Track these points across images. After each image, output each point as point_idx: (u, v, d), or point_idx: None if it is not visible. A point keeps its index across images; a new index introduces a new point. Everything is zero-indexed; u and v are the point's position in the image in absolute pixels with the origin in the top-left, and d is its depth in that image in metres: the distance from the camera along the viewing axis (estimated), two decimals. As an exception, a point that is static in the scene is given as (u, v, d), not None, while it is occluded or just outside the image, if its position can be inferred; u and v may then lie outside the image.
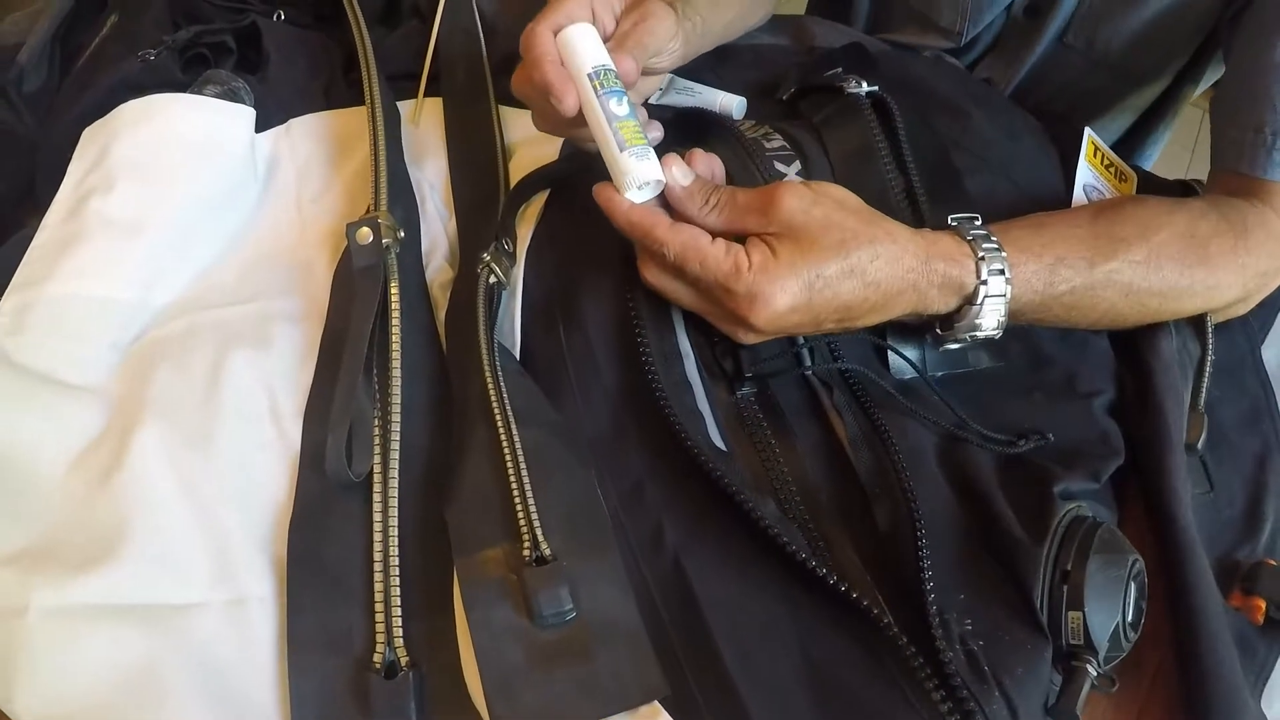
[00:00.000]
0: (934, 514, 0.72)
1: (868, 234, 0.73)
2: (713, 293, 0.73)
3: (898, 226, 0.75)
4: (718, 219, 0.75)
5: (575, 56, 0.79)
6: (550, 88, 0.78)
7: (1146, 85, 1.25)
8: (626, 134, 0.76)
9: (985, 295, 0.75)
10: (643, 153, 0.75)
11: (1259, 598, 0.77)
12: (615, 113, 0.76)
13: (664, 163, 0.76)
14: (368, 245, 0.82)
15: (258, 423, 0.79)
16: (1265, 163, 0.88)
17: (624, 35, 0.84)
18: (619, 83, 0.78)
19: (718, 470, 0.70)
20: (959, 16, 1.21)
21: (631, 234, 0.76)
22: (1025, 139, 1.02)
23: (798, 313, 0.72)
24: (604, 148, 0.76)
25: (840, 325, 0.76)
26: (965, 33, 1.23)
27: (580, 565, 0.67)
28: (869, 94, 0.95)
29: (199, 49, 1.10)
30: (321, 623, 0.69)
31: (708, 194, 0.76)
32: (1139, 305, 0.82)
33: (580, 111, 0.78)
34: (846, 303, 0.72)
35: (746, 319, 0.72)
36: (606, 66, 0.78)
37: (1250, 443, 0.87)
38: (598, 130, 0.77)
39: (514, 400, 0.74)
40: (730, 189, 0.76)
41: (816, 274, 0.71)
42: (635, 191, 0.76)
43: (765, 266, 0.71)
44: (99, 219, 0.88)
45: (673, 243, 0.73)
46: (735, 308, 0.72)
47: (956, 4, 1.20)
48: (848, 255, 0.71)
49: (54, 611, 0.67)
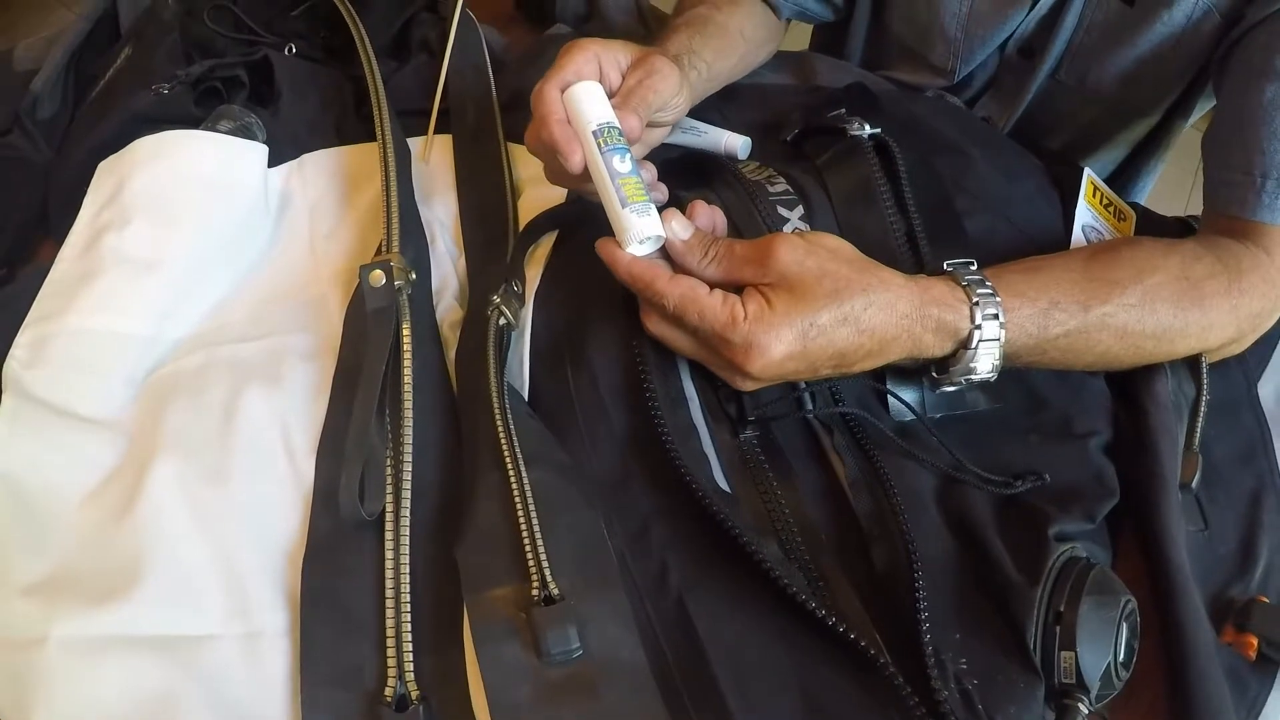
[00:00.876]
0: (931, 555, 0.74)
1: (861, 282, 0.74)
2: (711, 342, 0.74)
3: (891, 273, 0.77)
4: (716, 270, 0.77)
5: (581, 114, 0.81)
6: (556, 146, 0.81)
7: (1138, 120, 1.26)
8: (629, 190, 0.77)
9: (980, 339, 0.77)
10: (644, 209, 0.77)
11: (1251, 634, 0.77)
12: (618, 169, 0.78)
13: (664, 217, 0.78)
14: (380, 288, 0.84)
15: (272, 459, 0.81)
16: (1256, 205, 0.89)
17: (629, 92, 0.86)
18: (623, 140, 0.80)
19: (721, 513, 0.71)
20: (951, 55, 1.23)
21: (633, 286, 0.78)
22: (1026, 180, 1.03)
23: (793, 360, 0.73)
24: (607, 203, 0.78)
25: (837, 371, 0.77)
26: (958, 70, 1.24)
27: (587, 605, 0.68)
28: (871, 136, 0.96)
29: (212, 82, 1.12)
30: (334, 656, 0.70)
31: (706, 246, 0.78)
32: (1134, 347, 0.83)
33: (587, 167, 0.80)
34: (841, 350, 0.74)
35: (743, 367, 0.73)
36: (611, 124, 0.80)
37: (1245, 480, 0.87)
38: (601, 186, 0.79)
39: (523, 443, 0.76)
40: (729, 241, 0.78)
41: (810, 322, 0.72)
42: (636, 246, 0.77)
43: (761, 316, 0.72)
44: (114, 254, 0.89)
45: (672, 294, 0.75)
46: (732, 356, 0.73)
47: (949, 43, 1.22)
48: (841, 304, 0.73)
49: (72, 642, 0.68)
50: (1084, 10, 1.11)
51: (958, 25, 1.20)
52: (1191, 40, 1.05)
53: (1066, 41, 1.15)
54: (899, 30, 1.30)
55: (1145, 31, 1.08)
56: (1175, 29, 1.06)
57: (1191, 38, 1.05)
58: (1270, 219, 0.88)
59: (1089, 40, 1.14)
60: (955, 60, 1.23)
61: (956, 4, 1.18)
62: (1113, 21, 1.10)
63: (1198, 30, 1.04)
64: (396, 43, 1.26)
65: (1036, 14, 1.15)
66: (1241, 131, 0.91)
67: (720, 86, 1.09)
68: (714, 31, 1.07)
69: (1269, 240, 0.89)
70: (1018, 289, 0.79)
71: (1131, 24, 1.08)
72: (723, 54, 1.06)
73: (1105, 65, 1.14)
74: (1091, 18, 1.11)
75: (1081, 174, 1.03)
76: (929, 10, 1.21)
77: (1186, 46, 1.06)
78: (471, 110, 1.11)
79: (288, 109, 1.09)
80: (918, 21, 1.25)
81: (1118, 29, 1.10)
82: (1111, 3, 1.09)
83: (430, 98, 1.12)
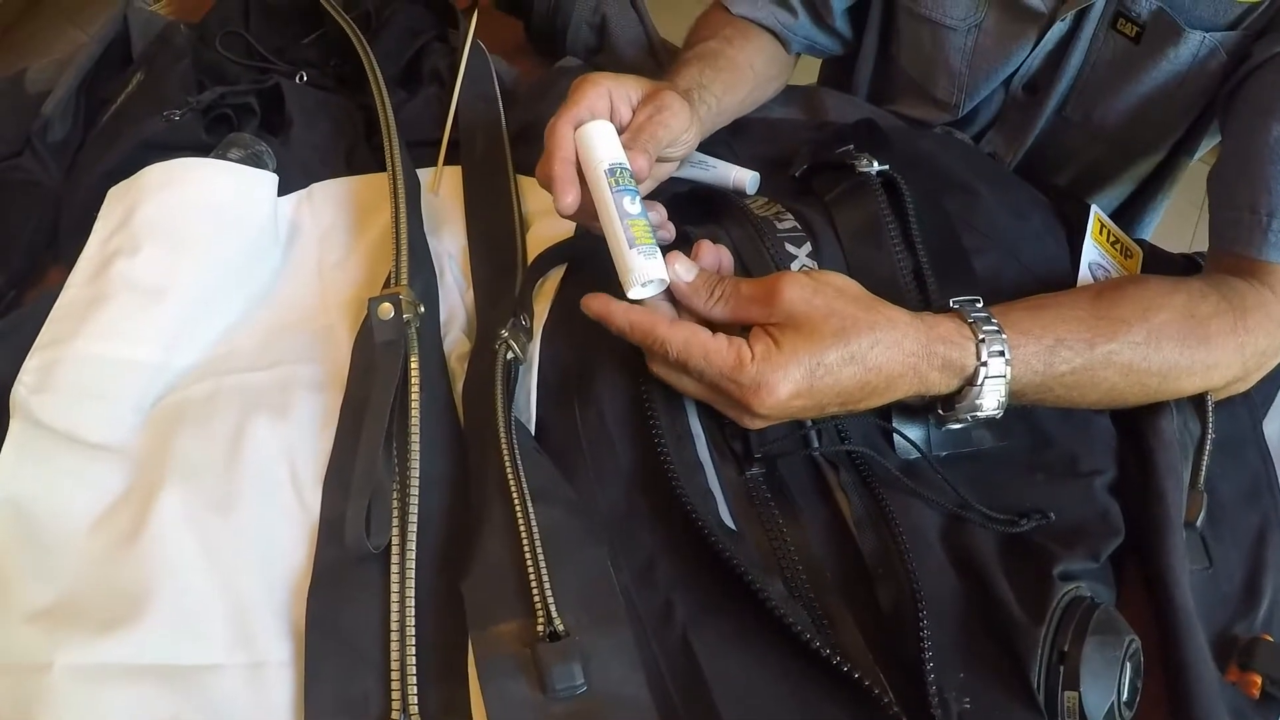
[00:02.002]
0: (935, 594, 0.74)
1: (868, 320, 0.75)
2: (719, 384, 0.74)
3: (898, 312, 0.77)
4: (723, 310, 0.78)
5: (592, 153, 0.82)
6: (552, 184, 0.82)
7: (1143, 157, 1.27)
8: (636, 232, 0.78)
9: (985, 376, 0.77)
10: (650, 251, 0.77)
11: (1255, 673, 0.77)
12: (628, 210, 0.79)
13: (668, 260, 0.78)
14: (389, 321, 0.83)
15: (278, 489, 0.81)
16: (1261, 244, 0.89)
17: (639, 129, 0.87)
18: (633, 181, 0.81)
19: (727, 551, 0.71)
20: (956, 89, 1.24)
21: (631, 336, 0.78)
22: (1033, 217, 1.03)
23: (800, 398, 0.73)
24: (612, 243, 0.79)
25: (843, 409, 0.77)
26: (962, 106, 1.25)
27: (592, 641, 0.68)
28: (879, 172, 0.96)
29: (223, 110, 1.12)
30: (338, 688, 0.70)
31: (712, 287, 0.79)
32: (1139, 384, 0.83)
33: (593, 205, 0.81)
34: (847, 388, 0.74)
35: (751, 406, 0.73)
36: (622, 165, 0.81)
37: (1250, 518, 0.87)
38: (608, 225, 0.79)
39: (530, 478, 0.76)
40: (734, 280, 0.79)
41: (818, 361, 0.73)
42: (639, 289, 0.78)
43: (768, 356, 0.73)
44: (124, 281, 0.90)
45: (674, 340, 0.75)
46: (741, 397, 0.74)
47: (953, 77, 1.23)
48: (848, 343, 0.73)
49: (77, 670, 0.68)
50: (1090, 48, 1.12)
51: (962, 60, 1.21)
52: (1197, 78, 1.06)
53: (1073, 79, 1.16)
54: (905, 64, 1.31)
55: (1151, 69, 1.08)
56: (1181, 67, 1.06)
57: (1197, 76, 1.06)
58: (1276, 258, 0.89)
59: (1095, 77, 1.14)
60: (960, 95, 1.24)
61: (961, 39, 1.19)
62: (1119, 59, 1.11)
63: (1204, 68, 1.05)
64: (407, 72, 1.27)
65: (1042, 50, 1.15)
66: (1247, 170, 0.91)
67: (729, 120, 1.09)
68: (724, 65, 1.08)
69: (1274, 278, 0.89)
70: (1024, 326, 0.80)
71: (1138, 61, 1.09)
72: (732, 88, 1.07)
73: (1111, 102, 1.14)
74: (1098, 55, 1.12)
75: (1088, 211, 1.04)
76: (934, 44, 1.22)
77: (1192, 84, 1.07)
78: (481, 142, 1.12)
79: (298, 137, 1.10)
80: (922, 56, 1.25)
81: (1124, 66, 1.11)
82: (1118, 40, 1.09)
83: (440, 128, 1.13)
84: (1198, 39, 1.03)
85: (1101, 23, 1.10)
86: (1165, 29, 1.04)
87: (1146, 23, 1.06)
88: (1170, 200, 1.38)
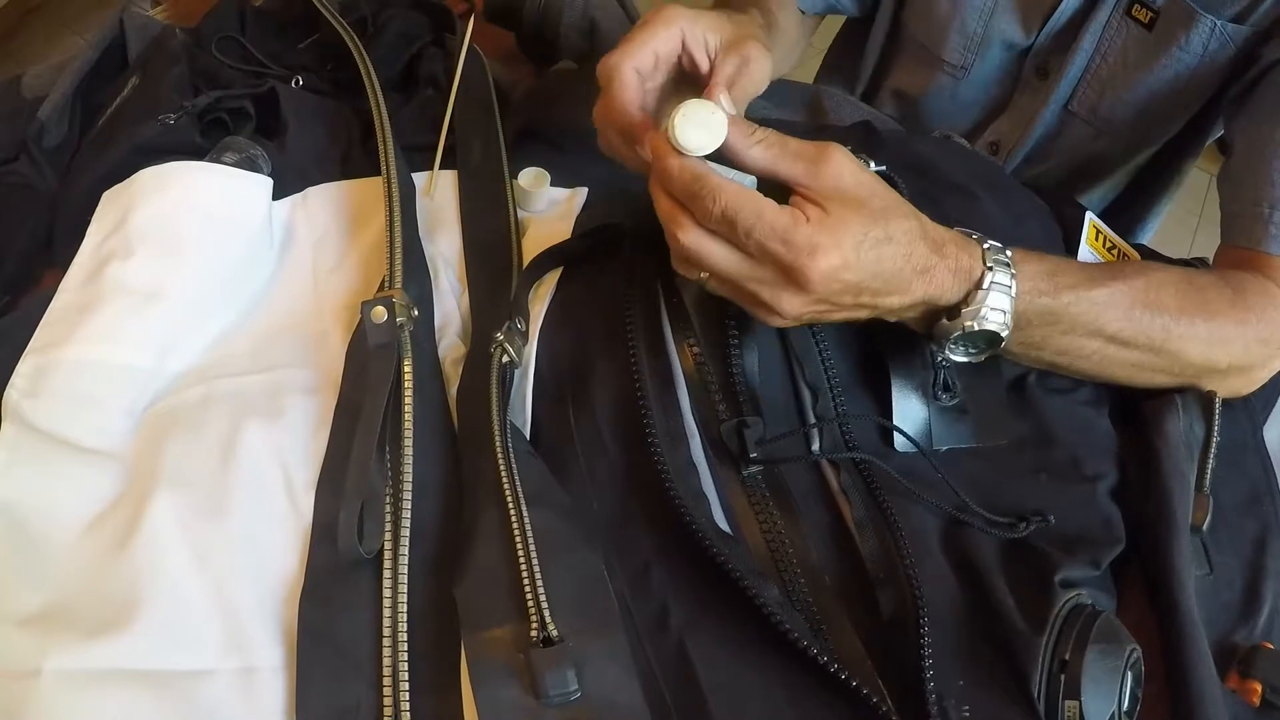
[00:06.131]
0: (935, 600, 0.73)
1: (901, 209, 0.74)
2: (765, 247, 0.70)
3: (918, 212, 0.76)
4: (762, 154, 0.72)
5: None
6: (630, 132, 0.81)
7: (1139, 154, 1.29)
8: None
9: (992, 280, 0.76)
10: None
11: (1255, 681, 0.77)
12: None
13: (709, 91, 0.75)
14: (382, 324, 0.83)
15: (271, 494, 0.80)
16: (1263, 236, 0.91)
17: (730, 81, 0.81)
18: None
19: (721, 555, 0.70)
20: (968, 51, 1.26)
21: (679, 181, 0.72)
22: (1030, 222, 1.04)
23: (850, 271, 0.70)
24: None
25: (873, 299, 0.74)
26: (971, 67, 1.27)
27: (586, 646, 0.67)
28: (878, 173, 0.95)
29: (218, 114, 1.12)
30: (330, 695, 0.70)
31: (754, 127, 0.73)
32: (1143, 336, 0.83)
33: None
34: (883, 270, 0.72)
35: (804, 272, 0.69)
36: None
37: (1249, 525, 0.87)
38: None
39: (525, 482, 0.75)
40: (780, 133, 0.74)
41: (865, 233, 0.71)
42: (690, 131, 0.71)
43: (823, 220, 0.69)
44: (117, 285, 0.89)
45: (727, 190, 0.70)
46: (793, 261, 0.69)
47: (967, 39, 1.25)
48: (889, 223, 0.72)
49: (67, 675, 0.68)
50: (1104, 34, 1.13)
51: (979, 20, 1.22)
52: (1205, 73, 1.08)
53: (1084, 66, 1.16)
54: (913, 27, 1.32)
55: (1162, 57, 1.10)
56: (1191, 58, 1.08)
57: (1205, 70, 1.07)
58: (1276, 250, 0.89)
59: (1105, 66, 1.16)
60: (973, 56, 1.25)
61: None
62: (1130, 47, 1.12)
63: (1212, 63, 1.06)
64: (403, 77, 1.26)
65: (1056, 22, 1.16)
66: (1253, 165, 0.94)
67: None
68: (769, 21, 1.07)
69: (1277, 272, 0.90)
70: (1025, 254, 0.80)
71: (1149, 50, 1.10)
72: (777, 45, 1.05)
73: (1117, 94, 1.16)
74: (1110, 43, 1.13)
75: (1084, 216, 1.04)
76: (952, 4, 1.23)
77: (1199, 79, 1.09)
78: (477, 146, 1.11)
79: (294, 141, 1.09)
80: (937, 17, 1.26)
81: (1135, 55, 1.12)
82: (1131, 27, 1.10)
83: (436, 133, 1.12)
84: (1209, 25, 1.04)
85: (1118, 8, 1.12)
86: (1179, 12, 1.06)
87: (1162, 8, 1.08)
88: (1172, 205, 1.38)
